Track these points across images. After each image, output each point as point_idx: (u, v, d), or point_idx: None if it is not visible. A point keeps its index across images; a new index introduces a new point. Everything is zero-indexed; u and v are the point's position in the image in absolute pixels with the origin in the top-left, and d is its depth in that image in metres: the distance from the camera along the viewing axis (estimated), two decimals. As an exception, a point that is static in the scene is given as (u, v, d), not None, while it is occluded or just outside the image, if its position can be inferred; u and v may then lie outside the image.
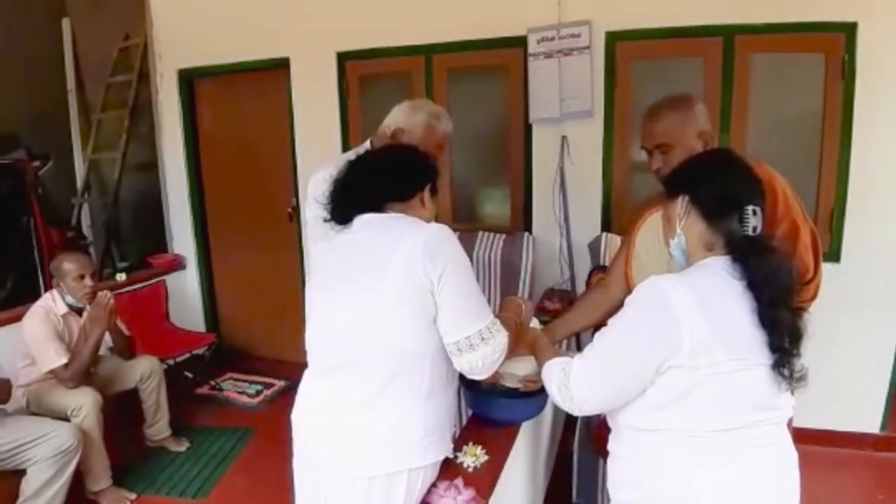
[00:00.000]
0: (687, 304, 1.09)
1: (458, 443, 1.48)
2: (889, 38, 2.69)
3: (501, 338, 1.31)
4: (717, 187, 1.21)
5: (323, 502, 1.36)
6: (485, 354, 1.28)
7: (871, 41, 2.71)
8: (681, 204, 1.23)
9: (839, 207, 2.87)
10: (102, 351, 2.84)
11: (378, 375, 1.26)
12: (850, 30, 2.73)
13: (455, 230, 1.33)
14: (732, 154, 1.30)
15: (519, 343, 1.48)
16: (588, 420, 2.27)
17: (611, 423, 1.28)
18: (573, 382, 1.22)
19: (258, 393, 3.77)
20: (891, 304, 2.87)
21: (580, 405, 1.22)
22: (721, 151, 1.45)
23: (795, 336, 1.12)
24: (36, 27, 4.77)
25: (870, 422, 2.99)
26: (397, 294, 1.24)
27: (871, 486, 2.76)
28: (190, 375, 3.85)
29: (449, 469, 1.39)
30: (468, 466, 1.41)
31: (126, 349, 2.98)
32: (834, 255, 2.87)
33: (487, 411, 1.62)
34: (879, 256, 2.84)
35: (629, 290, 1.22)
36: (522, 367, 1.52)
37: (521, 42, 3.21)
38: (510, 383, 1.54)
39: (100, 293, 2.71)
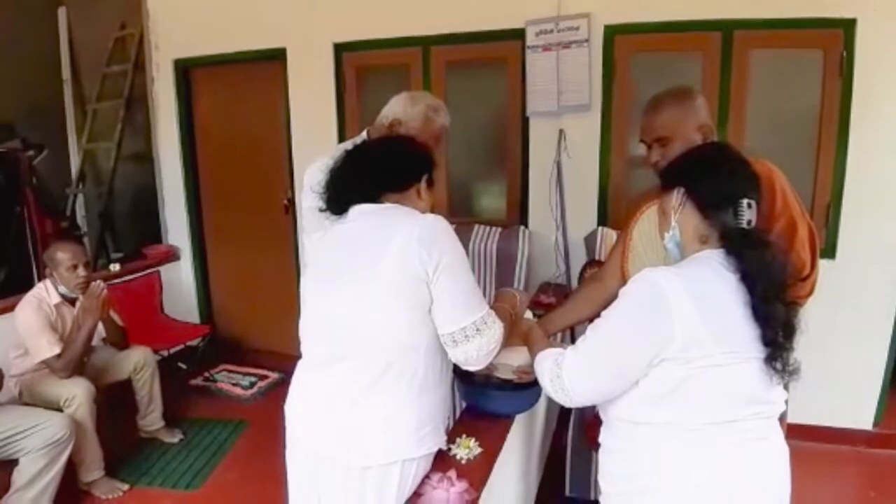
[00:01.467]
0: (680, 297, 1.09)
1: (452, 435, 1.47)
2: (888, 35, 2.68)
3: (497, 329, 1.32)
4: (712, 180, 1.20)
5: (316, 494, 1.36)
6: (479, 346, 1.28)
7: (869, 38, 2.70)
8: (676, 196, 1.23)
9: (835, 204, 2.88)
10: (96, 341, 2.82)
11: (372, 367, 1.25)
12: (848, 26, 2.72)
13: (451, 223, 1.32)
14: (728, 147, 1.31)
15: (513, 334, 1.48)
16: (582, 413, 2.27)
17: (602, 416, 1.28)
18: (565, 374, 1.22)
19: (252, 385, 3.77)
20: (885, 301, 2.88)
21: (572, 397, 1.22)
22: (717, 145, 1.46)
23: (789, 330, 1.12)
24: (32, 17, 4.73)
25: (863, 418, 3.00)
26: (392, 285, 1.23)
27: (863, 483, 2.77)
28: (184, 367, 3.85)
29: (442, 461, 1.38)
30: (461, 459, 1.40)
31: (119, 340, 2.97)
32: (829, 252, 2.87)
33: (481, 404, 1.61)
34: (875, 253, 2.84)
35: (625, 284, 1.21)
36: (516, 358, 1.52)
37: (519, 34, 3.19)
38: (504, 374, 1.53)
39: (93, 283, 2.69)
